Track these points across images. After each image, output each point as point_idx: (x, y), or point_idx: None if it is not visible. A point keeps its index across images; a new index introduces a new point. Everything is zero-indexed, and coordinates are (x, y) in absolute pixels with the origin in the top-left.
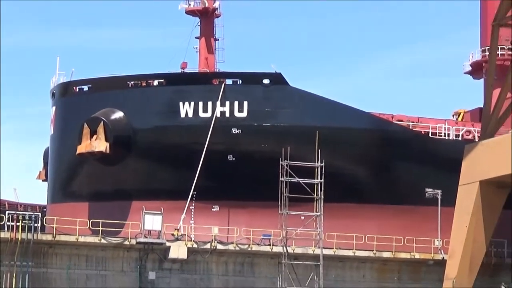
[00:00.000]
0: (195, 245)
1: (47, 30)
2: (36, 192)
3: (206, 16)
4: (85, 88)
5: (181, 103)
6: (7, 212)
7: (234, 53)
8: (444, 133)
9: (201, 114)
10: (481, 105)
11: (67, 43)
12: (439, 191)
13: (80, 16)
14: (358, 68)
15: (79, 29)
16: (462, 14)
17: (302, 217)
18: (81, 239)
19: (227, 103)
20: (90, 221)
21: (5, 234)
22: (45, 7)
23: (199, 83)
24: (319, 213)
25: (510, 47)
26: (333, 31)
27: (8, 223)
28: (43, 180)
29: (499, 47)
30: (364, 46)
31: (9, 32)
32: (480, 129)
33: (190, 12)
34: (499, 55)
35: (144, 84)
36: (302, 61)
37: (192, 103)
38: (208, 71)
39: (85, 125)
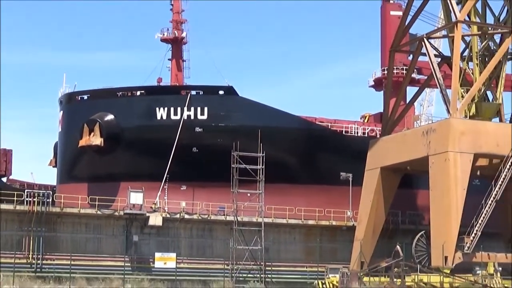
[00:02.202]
0: (168, 215)
1: (56, 53)
2: (48, 175)
3: (176, 43)
4: (85, 97)
5: (157, 108)
6: (26, 190)
7: (197, 70)
8: (354, 131)
9: (173, 116)
10: (382, 110)
11: (71, 63)
12: (350, 175)
13: (82, 43)
14: (290, 82)
15: (81, 52)
16: (367, 42)
17: (248, 194)
18: (82, 211)
19: (192, 108)
20: (89, 197)
21: (24, 207)
22: (55, 35)
23: (171, 93)
24: (261, 191)
25: (403, 67)
26: (272, 53)
27: (27, 199)
28: (53, 166)
29: (395, 67)
30: (295, 65)
31: (29, 53)
32: (381, 128)
33: (164, 40)
34: (395, 73)
35: (129, 94)
36: (249, 77)
37: (166, 108)
38: (177, 84)
39: (85, 125)
